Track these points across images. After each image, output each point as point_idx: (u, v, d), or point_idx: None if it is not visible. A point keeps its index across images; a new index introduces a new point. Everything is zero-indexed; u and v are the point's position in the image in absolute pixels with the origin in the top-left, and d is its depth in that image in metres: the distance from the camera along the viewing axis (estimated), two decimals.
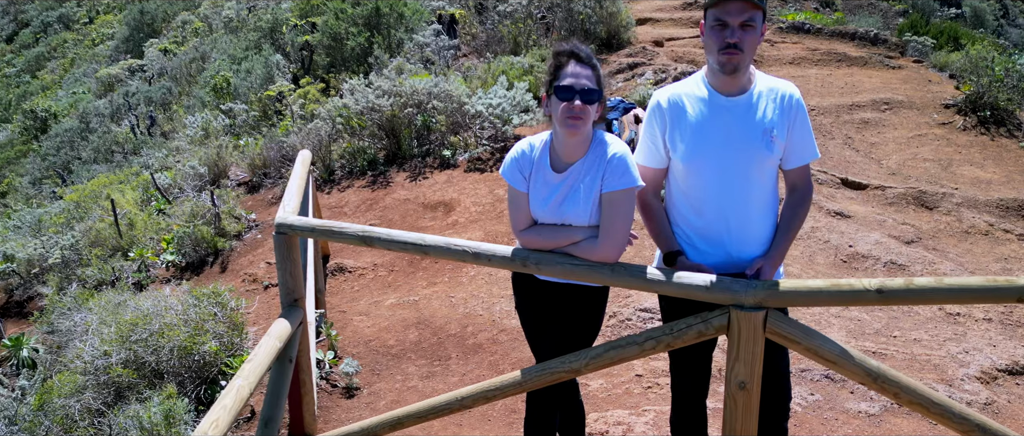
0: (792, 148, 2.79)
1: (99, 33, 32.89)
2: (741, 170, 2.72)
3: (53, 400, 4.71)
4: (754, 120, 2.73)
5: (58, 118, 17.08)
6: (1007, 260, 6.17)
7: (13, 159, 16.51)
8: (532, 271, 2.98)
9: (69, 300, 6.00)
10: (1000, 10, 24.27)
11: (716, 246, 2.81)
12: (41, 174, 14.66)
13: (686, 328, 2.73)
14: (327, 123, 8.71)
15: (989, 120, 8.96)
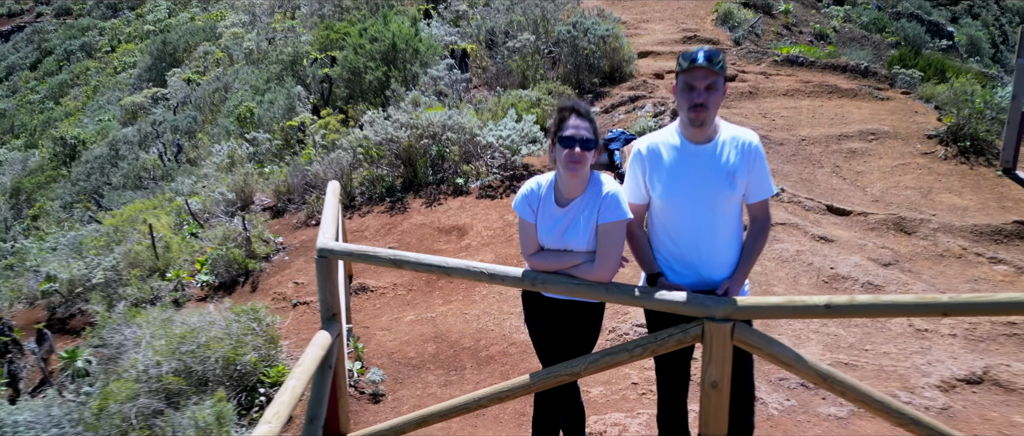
0: (752, 186, 3.31)
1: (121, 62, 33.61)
2: (709, 206, 3.25)
3: (110, 404, 5.24)
4: (719, 164, 3.26)
5: (86, 145, 17.74)
6: (977, 281, 6.66)
7: (44, 184, 17.14)
8: (539, 289, 3.51)
9: (118, 316, 6.53)
10: (1000, 36, 24.83)
11: (690, 269, 3.33)
12: (72, 199, 15.27)
13: (668, 337, 3.25)
14: (348, 153, 9.28)
15: (969, 150, 9.47)
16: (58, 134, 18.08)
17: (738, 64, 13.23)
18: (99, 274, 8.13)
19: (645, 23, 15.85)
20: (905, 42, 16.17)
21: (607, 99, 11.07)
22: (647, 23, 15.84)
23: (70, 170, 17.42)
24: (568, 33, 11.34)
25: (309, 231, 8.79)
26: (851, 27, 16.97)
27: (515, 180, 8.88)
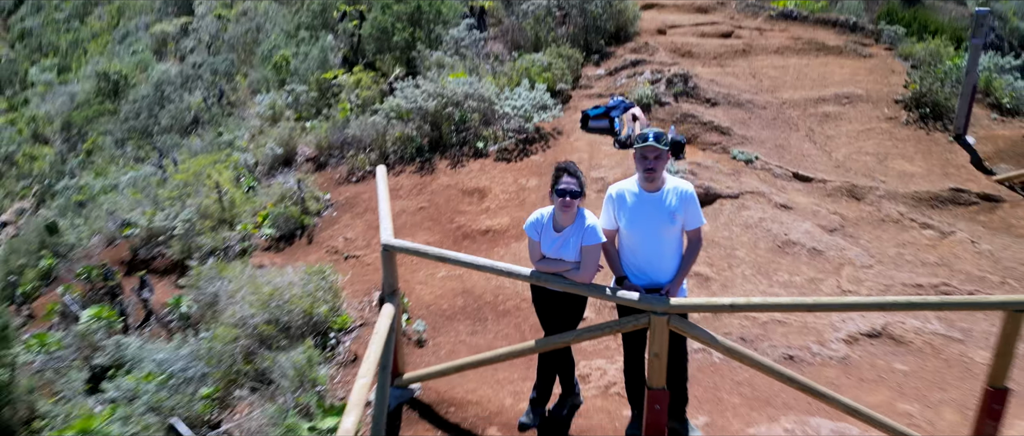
0: (687, 220, 4.86)
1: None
2: (657, 234, 4.81)
3: (218, 345, 6.98)
4: (664, 207, 4.80)
5: (128, 80, 19.18)
6: (904, 245, 8.22)
7: (92, 118, 18.69)
8: (543, 284, 5.13)
9: (209, 270, 8.23)
10: None
11: (644, 274, 4.92)
12: (123, 136, 16.86)
13: (627, 322, 4.88)
14: (383, 118, 10.78)
15: (928, 115, 10.84)
16: (101, 70, 19.47)
17: (736, 19, 14.41)
18: (179, 226, 9.81)
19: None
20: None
21: (612, 60, 12.41)
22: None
23: (116, 105, 18.94)
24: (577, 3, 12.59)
25: (351, 188, 10.39)
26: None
27: (528, 143, 10.39)
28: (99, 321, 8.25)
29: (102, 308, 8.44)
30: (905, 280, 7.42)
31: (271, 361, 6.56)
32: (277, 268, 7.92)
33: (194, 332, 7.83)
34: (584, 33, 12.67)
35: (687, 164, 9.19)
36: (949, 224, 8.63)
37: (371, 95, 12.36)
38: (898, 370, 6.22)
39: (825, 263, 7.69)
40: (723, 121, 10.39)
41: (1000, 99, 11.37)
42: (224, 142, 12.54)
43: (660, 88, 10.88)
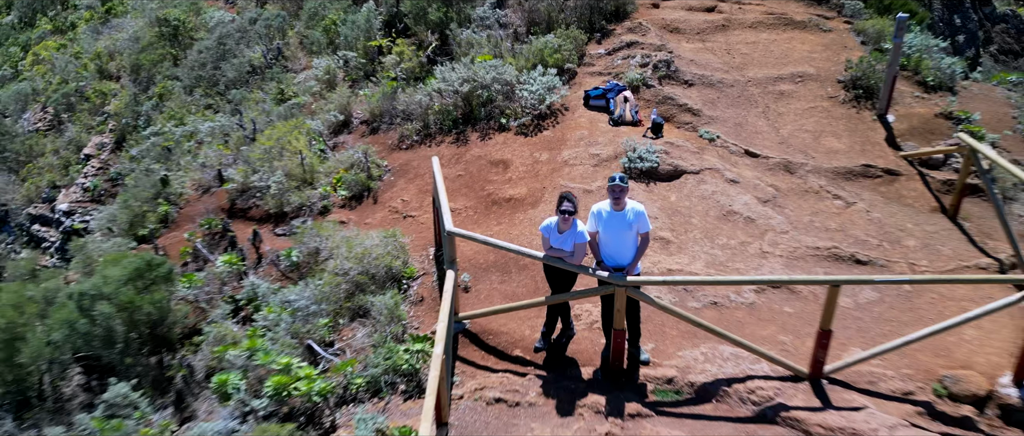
0: (639, 226, 7.97)
1: None
2: (620, 236, 7.94)
3: (327, 288, 10.26)
4: (626, 220, 7.91)
5: (185, 25, 21.86)
6: (816, 213, 11.30)
7: (157, 61, 21.52)
8: (551, 264, 8.31)
9: (309, 228, 11.44)
10: None
11: (613, 260, 8.06)
12: (191, 83, 19.75)
13: (601, 290, 8.11)
14: (426, 97, 13.73)
15: (862, 96, 13.68)
16: (162, 16, 22.12)
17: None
18: (273, 186, 12.96)
19: None
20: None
21: (611, 39, 15.16)
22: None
23: (177, 50, 21.71)
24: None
25: (403, 154, 13.45)
26: None
27: (541, 119, 13.34)
28: (230, 265, 11.57)
29: (231, 255, 11.74)
30: (809, 243, 10.56)
31: (366, 301, 9.85)
32: (362, 230, 11.12)
33: (301, 276, 11.13)
34: (589, 14, 15.36)
35: (663, 144, 12.19)
36: (855, 195, 11.69)
37: (412, 66, 15.25)
38: (786, 312, 9.45)
39: (754, 229, 10.82)
40: (696, 102, 13.30)
41: (925, 78, 14.16)
42: (294, 105, 15.48)
43: (647, 72, 13.72)
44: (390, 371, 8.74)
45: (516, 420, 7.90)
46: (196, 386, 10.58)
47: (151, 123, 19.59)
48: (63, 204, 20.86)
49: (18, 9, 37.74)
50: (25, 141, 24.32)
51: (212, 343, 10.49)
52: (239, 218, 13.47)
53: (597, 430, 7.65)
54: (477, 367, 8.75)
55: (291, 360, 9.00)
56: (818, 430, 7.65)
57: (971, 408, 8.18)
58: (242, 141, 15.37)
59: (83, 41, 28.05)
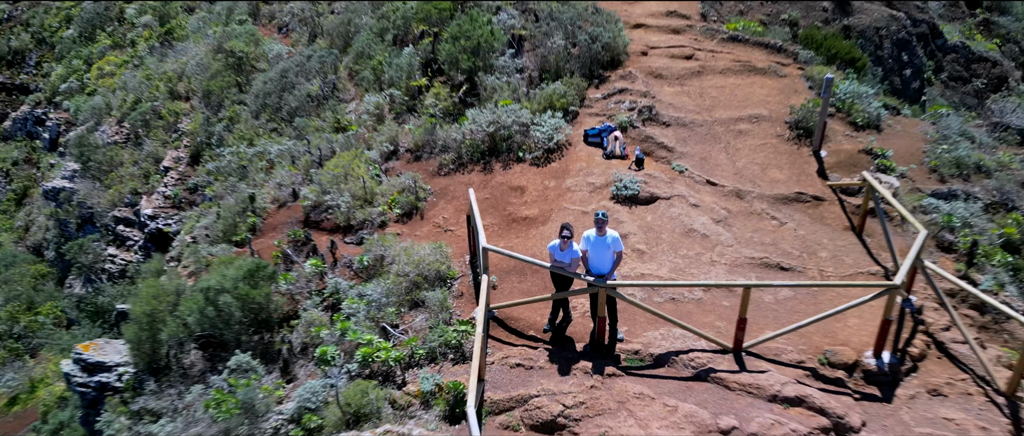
0: (615, 247, 11.72)
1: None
2: (602, 254, 11.68)
3: (392, 285, 14.04)
4: (606, 243, 11.65)
5: (249, 58, 25.65)
6: (756, 231, 14.98)
7: (225, 87, 25.32)
8: (555, 271, 12.08)
9: (375, 239, 15.21)
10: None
11: (597, 270, 11.81)
12: (257, 108, 23.55)
13: (589, 289, 11.88)
14: (460, 133, 17.47)
15: (802, 135, 17.32)
16: (229, 47, 25.89)
17: (698, 41, 20.59)
18: (342, 204, 16.74)
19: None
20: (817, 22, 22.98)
21: (606, 85, 18.83)
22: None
23: (242, 78, 25.52)
24: (586, 41, 18.89)
25: (442, 180, 17.19)
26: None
27: (550, 153, 17.03)
28: (315, 267, 15.39)
29: (315, 259, 15.56)
30: (748, 254, 14.26)
31: (422, 295, 13.63)
32: (415, 241, 14.89)
33: (369, 276, 14.92)
34: (590, 64, 19.01)
35: (643, 175, 15.89)
36: (788, 216, 15.37)
37: (447, 105, 18.99)
38: (723, 305, 13.17)
39: (708, 243, 14.52)
40: (671, 141, 16.99)
41: (855, 119, 17.78)
42: (352, 136, 19.22)
43: (634, 116, 17.40)
44: (442, 345, 12.53)
45: (530, 378, 11.68)
46: (295, 357, 14.42)
47: (223, 142, 23.42)
48: (147, 209, 24.77)
49: (77, 25, 41.55)
50: (106, 152, 28.25)
51: (305, 325, 14.33)
52: (313, 229, 17.27)
53: (585, 384, 11.42)
54: (503, 342, 12.53)
55: (372, 337, 12.83)
56: (734, 385, 11.41)
57: (843, 372, 11.91)
58: (310, 164, 19.17)
59: (149, 62, 31.87)
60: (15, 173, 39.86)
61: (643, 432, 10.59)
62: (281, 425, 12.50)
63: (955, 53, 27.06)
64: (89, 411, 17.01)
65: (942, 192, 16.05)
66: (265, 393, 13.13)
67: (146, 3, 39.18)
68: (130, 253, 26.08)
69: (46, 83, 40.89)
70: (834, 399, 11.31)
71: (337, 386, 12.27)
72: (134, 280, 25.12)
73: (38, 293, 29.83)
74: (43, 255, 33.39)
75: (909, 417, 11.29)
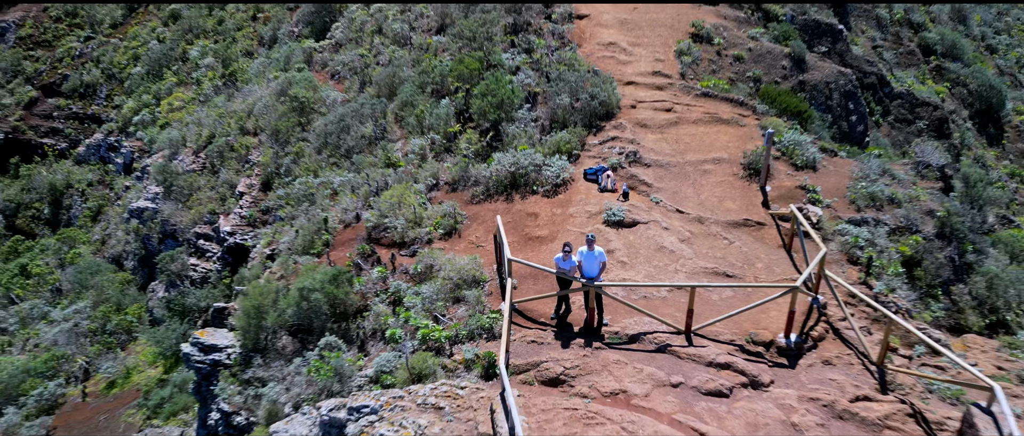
0: (601, 259, 16.71)
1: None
2: (592, 263, 16.64)
3: (441, 287, 19.04)
4: (594, 256, 16.62)
5: (310, 103, 30.81)
6: (711, 248, 19.90)
7: (290, 127, 30.48)
8: (559, 276, 17.07)
9: (426, 253, 20.20)
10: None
11: (588, 274, 16.76)
12: (319, 145, 28.68)
13: (583, 288, 16.87)
14: (487, 171, 22.53)
15: (753, 174, 22.25)
16: (293, 94, 31.08)
17: (677, 96, 25.61)
18: (399, 226, 21.79)
19: (636, 46, 27.90)
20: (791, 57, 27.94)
21: (601, 134, 23.84)
22: (637, 47, 27.88)
23: (304, 119, 30.68)
24: (586, 98, 23.94)
25: (474, 207, 22.21)
26: (763, 41, 28.64)
27: (557, 188, 22.03)
28: (380, 274, 20.45)
29: (381, 268, 20.61)
30: (702, 265, 19.18)
31: (463, 293, 18.62)
32: (456, 255, 19.90)
33: (421, 280, 19.93)
34: (589, 115, 24.04)
35: (628, 206, 20.85)
36: (736, 237, 20.30)
37: (477, 147, 24.06)
38: (681, 301, 18.09)
39: (674, 257, 19.44)
40: (651, 178, 21.98)
41: (795, 161, 22.72)
42: (402, 172, 24.29)
43: (622, 159, 22.39)
44: (478, 328, 17.49)
45: (541, 350, 16.62)
46: (368, 339, 19.42)
47: (291, 173, 28.58)
48: (226, 226, 29.95)
49: (145, 63, 47.06)
50: (186, 178, 33.52)
51: (375, 316, 19.32)
52: (375, 244, 22.31)
53: (580, 354, 16.35)
54: (521, 326, 17.49)
55: (427, 322, 17.83)
56: (683, 355, 16.32)
57: (762, 348, 16.80)
58: (368, 193, 24.24)
59: (217, 101, 37.20)
60: (90, 193, 45.29)
61: (619, 385, 15.53)
62: (364, 383, 17.49)
63: (901, 99, 31.97)
64: (203, 382, 22.07)
65: (856, 219, 20.93)
66: (349, 363, 18.15)
67: (207, 45, 44.64)
68: (210, 263, 31.23)
69: (118, 114, 46.38)
70: (753, 365, 16.22)
71: (405, 355, 17.28)
72: (215, 285, 30.33)
73: (124, 297, 35.08)
74: (122, 265, 38.69)
75: (805, 378, 16.18)
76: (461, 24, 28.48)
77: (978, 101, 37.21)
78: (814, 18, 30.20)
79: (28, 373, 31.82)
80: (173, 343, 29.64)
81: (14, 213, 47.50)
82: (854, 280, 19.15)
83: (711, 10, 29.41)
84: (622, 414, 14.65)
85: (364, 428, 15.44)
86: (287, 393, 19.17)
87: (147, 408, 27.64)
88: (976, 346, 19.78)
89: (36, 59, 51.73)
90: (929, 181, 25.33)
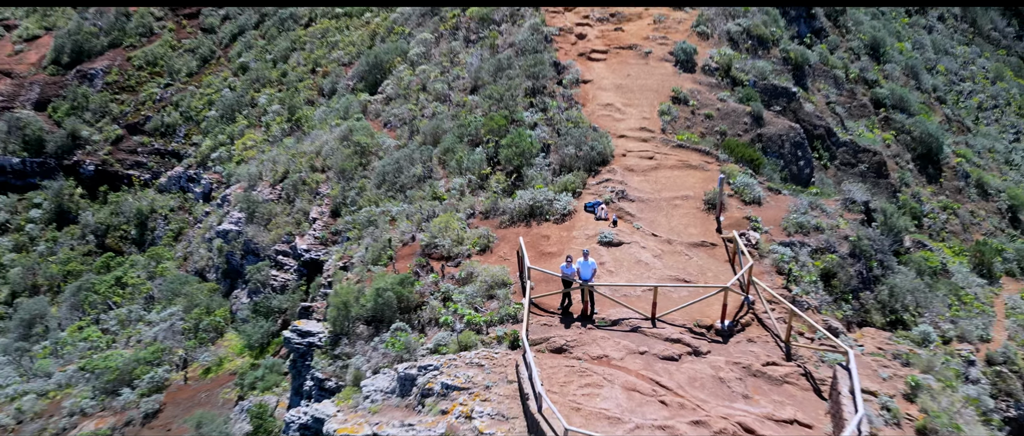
0: (592, 267, 23.95)
1: (328, 43, 52.85)
2: (587, 269, 23.88)
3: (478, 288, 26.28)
4: (589, 264, 23.85)
5: (368, 148, 38.29)
6: (676, 262, 27.04)
7: (354, 167, 37.95)
8: (563, 279, 24.32)
9: (467, 264, 27.45)
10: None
11: (584, 277, 23.97)
12: (378, 182, 36.13)
13: (580, 287, 24.12)
14: (512, 204, 29.89)
15: (711, 208, 29.43)
16: (356, 139, 38.61)
17: (657, 147, 32.89)
18: (447, 244, 29.09)
19: (628, 107, 35.25)
20: (752, 115, 35.15)
21: (598, 176, 31.10)
22: (629, 107, 35.22)
23: (364, 160, 38.19)
24: (588, 149, 31.29)
25: (502, 230, 29.52)
26: (730, 102, 35.86)
27: (564, 217, 29.30)
28: (434, 279, 27.80)
29: (434, 274, 27.95)
30: (669, 273, 26.33)
31: (496, 292, 25.85)
32: (490, 265, 27.20)
33: (465, 282, 27.18)
34: (589, 162, 31.35)
35: (616, 231, 28.07)
36: (694, 255, 27.46)
37: (505, 186, 31.44)
38: (649, 297, 25.27)
39: (648, 267, 26.60)
40: (634, 210, 29.21)
41: (744, 198, 29.88)
42: (447, 204, 31.63)
43: (614, 196, 29.67)
44: (506, 315, 24.68)
45: (550, 330, 23.77)
46: (426, 325, 26.68)
47: (356, 203, 36.05)
48: (302, 245, 37.45)
49: (219, 107, 54.97)
50: (266, 206, 41.11)
51: (430, 309, 26.59)
52: (428, 258, 29.62)
53: (577, 332, 23.49)
54: (536, 314, 24.67)
55: (470, 311, 25.10)
56: (649, 333, 23.47)
57: (705, 330, 23.91)
58: (421, 219, 31.57)
59: (287, 142, 44.92)
60: (172, 217, 53.09)
61: (603, 351, 22.67)
62: (425, 353, 24.73)
63: (845, 146, 39.11)
64: (298, 360, 29.39)
65: (786, 242, 28.02)
66: (415, 340, 25.43)
67: (273, 93, 52.53)
68: (287, 274, 38.67)
69: (196, 151, 54.30)
70: (696, 340, 23.35)
71: (456, 333, 24.53)
72: (293, 291, 37.77)
73: (212, 302, 42.60)
74: (205, 277, 46.29)
75: (733, 350, 23.27)
76: (490, 88, 36.03)
77: (920, 146, 44.17)
78: (772, 83, 37.46)
79: (138, 362, 39.33)
80: (260, 337, 37.04)
81: (104, 233, 55.36)
82: (779, 286, 26.25)
83: (689, 77, 36.79)
84: (604, 369, 21.82)
85: (429, 379, 22.70)
86: (368, 363, 26.41)
87: (241, 386, 34.95)
88: (869, 335, 26.82)
89: (121, 102, 59.86)
90: (854, 213, 32.45)
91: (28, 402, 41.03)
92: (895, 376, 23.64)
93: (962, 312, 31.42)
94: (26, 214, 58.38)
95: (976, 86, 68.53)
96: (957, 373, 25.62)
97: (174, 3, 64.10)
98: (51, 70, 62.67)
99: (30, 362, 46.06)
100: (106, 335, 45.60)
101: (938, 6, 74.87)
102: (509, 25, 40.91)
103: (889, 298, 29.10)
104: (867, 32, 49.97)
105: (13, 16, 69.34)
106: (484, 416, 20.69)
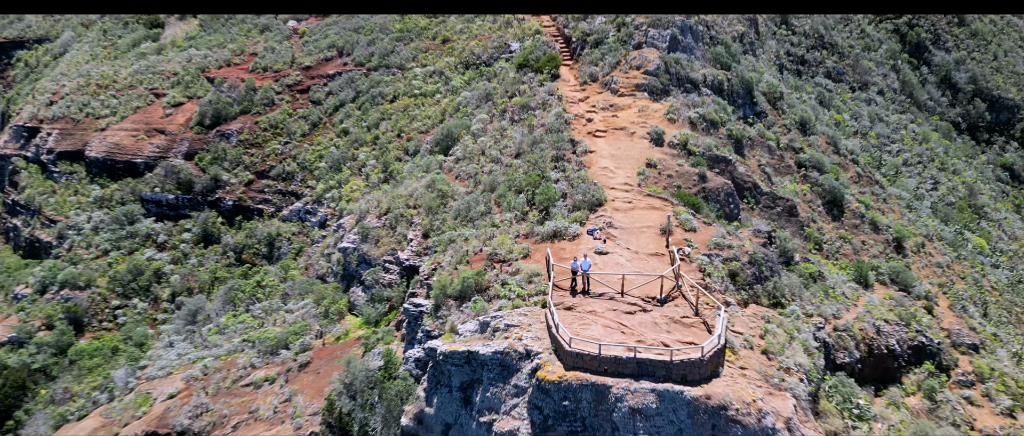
0: (590, 262, 41.87)
1: (411, 116, 71.53)
2: (586, 265, 41.82)
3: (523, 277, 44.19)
4: (587, 262, 41.77)
5: (447, 193, 56.49)
6: (642, 264, 44.84)
7: (437, 206, 56.14)
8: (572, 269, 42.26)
9: (515, 265, 45.35)
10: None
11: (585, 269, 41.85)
12: (455, 215, 54.31)
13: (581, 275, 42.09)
14: (542, 230, 47.99)
15: (666, 232, 47.25)
16: (437, 187, 56.89)
17: (634, 196, 50.84)
18: (502, 252, 47.10)
19: (618, 169, 53.30)
20: (699, 175, 52.92)
21: (595, 213, 49.05)
22: (619, 169, 53.27)
23: (444, 201, 56.48)
24: (591, 196, 49.33)
25: (537, 245, 47.35)
26: (685, 166, 53.68)
27: (574, 237, 47.23)
28: (495, 272, 45.95)
29: (496, 270, 46.05)
30: (634, 268, 44.10)
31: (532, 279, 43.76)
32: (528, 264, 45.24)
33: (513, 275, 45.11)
34: (590, 204, 49.28)
35: (604, 246, 45.97)
36: (652, 260, 45.26)
37: (537, 218, 49.60)
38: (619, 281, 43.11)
39: (622, 266, 44.28)
40: (617, 234, 47.07)
41: (685, 226, 47.67)
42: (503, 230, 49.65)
43: (605, 225, 47.60)
44: (539, 290, 42.58)
45: (563, 298, 41.49)
46: (492, 299, 44.73)
47: (440, 230, 54.38)
48: (403, 255, 55.94)
49: (328, 160, 73.94)
50: (375, 231, 59.68)
51: (495, 289, 44.67)
52: (491, 261, 47.66)
53: (579, 299, 41.33)
54: (556, 290, 42.51)
55: (521, 288, 43.12)
56: (619, 300, 41.28)
57: (652, 300, 41.70)
58: (485, 238, 49.61)
59: (385, 188, 63.62)
60: (294, 239, 71.81)
61: (592, 309, 40.50)
62: (494, 311, 42.70)
63: (767, 196, 56.85)
64: (411, 322, 47.50)
65: (706, 254, 45.74)
66: (487, 305, 43.48)
67: (370, 152, 71.37)
68: (392, 276, 56.85)
69: (311, 192, 73.12)
70: (645, 304, 41.12)
71: (511, 301, 42.55)
72: (397, 286, 56.05)
73: (335, 296, 60.93)
74: (325, 281, 64.75)
75: (666, 310, 40.96)
76: (528, 155, 54.31)
77: (827, 195, 61.78)
78: (715, 153, 55.35)
79: (289, 332, 57.62)
80: (375, 315, 55.12)
81: (241, 251, 74.10)
82: (698, 278, 43.98)
83: (659, 150, 54.74)
84: (592, 318, 39.69)
85: (496, 321, 40.75)
86: (458, 320, 44.38)
87: (366, 346, 53.01)
88: (755, 310, 44.39)
89: (251, 155, 79.05)
90: (759, 238, 50.17)
91: (210, 360, 59.40)
92: (758, 327, 41.27)
93: (825, 302, 48.91)
94: (179, 236, 77.36)
95: (904, 147, 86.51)
96: (797, 328, 43.02)
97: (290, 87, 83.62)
98: (196, 129, 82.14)
99: (201, 339, 64.62)
100: (256, 319, 64.05)
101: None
102: (541, 111, 59.42)
103: (773, 289, 46.65)
104: (798, 113, 67.90)
105: (161, 86, 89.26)
106: (528, 338, 38.63)
